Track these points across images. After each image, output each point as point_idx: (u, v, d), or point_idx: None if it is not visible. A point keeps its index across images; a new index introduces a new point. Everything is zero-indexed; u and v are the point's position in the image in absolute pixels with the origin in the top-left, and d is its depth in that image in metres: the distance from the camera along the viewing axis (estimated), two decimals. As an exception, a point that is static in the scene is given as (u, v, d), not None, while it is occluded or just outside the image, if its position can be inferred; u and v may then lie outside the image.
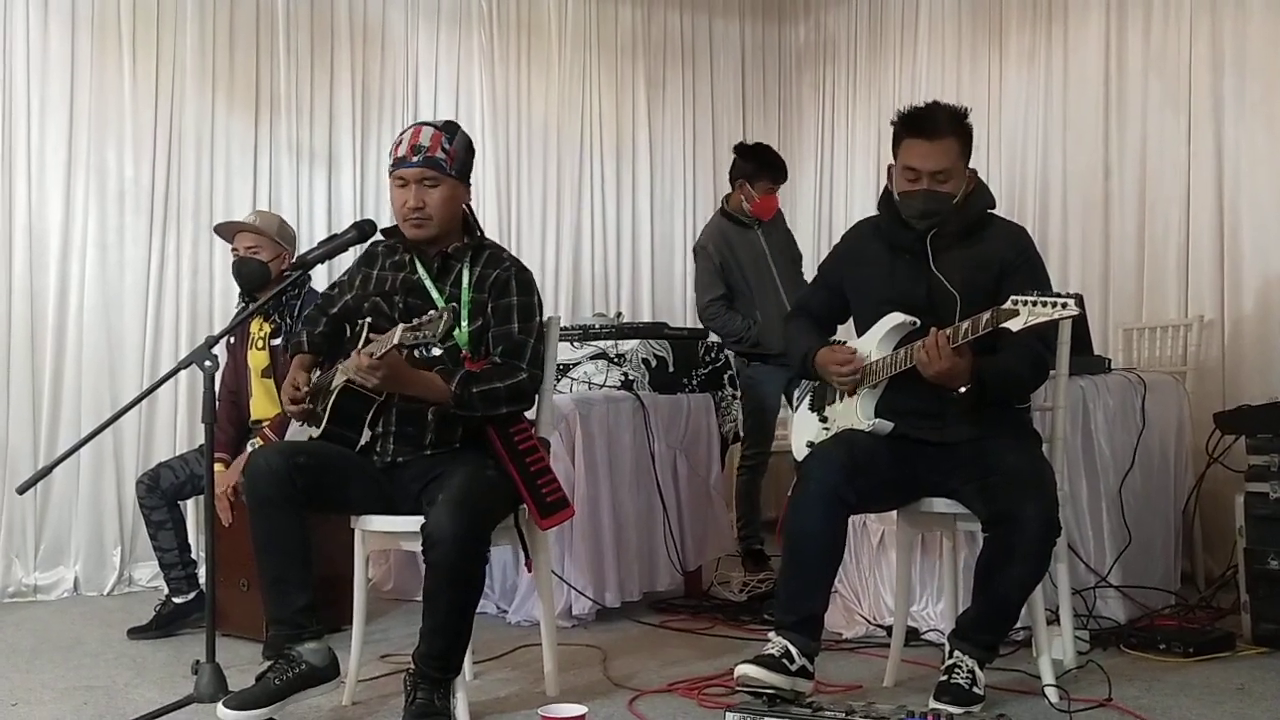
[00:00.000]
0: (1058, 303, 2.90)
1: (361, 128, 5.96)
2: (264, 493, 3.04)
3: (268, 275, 4.38)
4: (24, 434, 5.09)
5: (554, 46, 6.58)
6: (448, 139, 3.22)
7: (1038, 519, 3.04)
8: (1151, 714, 3.14)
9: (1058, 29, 5.87)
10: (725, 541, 5.03)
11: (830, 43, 7.19)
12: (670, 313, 6.71)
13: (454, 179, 3.21)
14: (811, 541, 3.12)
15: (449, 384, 3.09)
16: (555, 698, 3.30)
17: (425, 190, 3.19)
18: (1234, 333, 5.12)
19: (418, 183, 3.19)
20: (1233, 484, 4.29)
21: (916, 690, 3.36)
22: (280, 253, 4.43)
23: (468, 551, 2.94)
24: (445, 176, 3.20)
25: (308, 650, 3.04)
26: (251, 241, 4.39)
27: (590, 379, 4.71)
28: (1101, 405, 4.17)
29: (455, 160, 3.21)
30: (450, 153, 3.20)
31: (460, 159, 3.23)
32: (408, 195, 3.20)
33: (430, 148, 3.19)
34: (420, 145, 3.20)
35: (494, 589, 4.52)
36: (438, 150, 3.19)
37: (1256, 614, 3.90)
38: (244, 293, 4.45)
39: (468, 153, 3.27)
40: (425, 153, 3.19)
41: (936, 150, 3.26)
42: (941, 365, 3.07)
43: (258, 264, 4.38)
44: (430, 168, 3.18)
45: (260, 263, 4.38)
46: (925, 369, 3.10)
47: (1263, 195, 5.05)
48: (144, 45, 5.39)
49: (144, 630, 4.24)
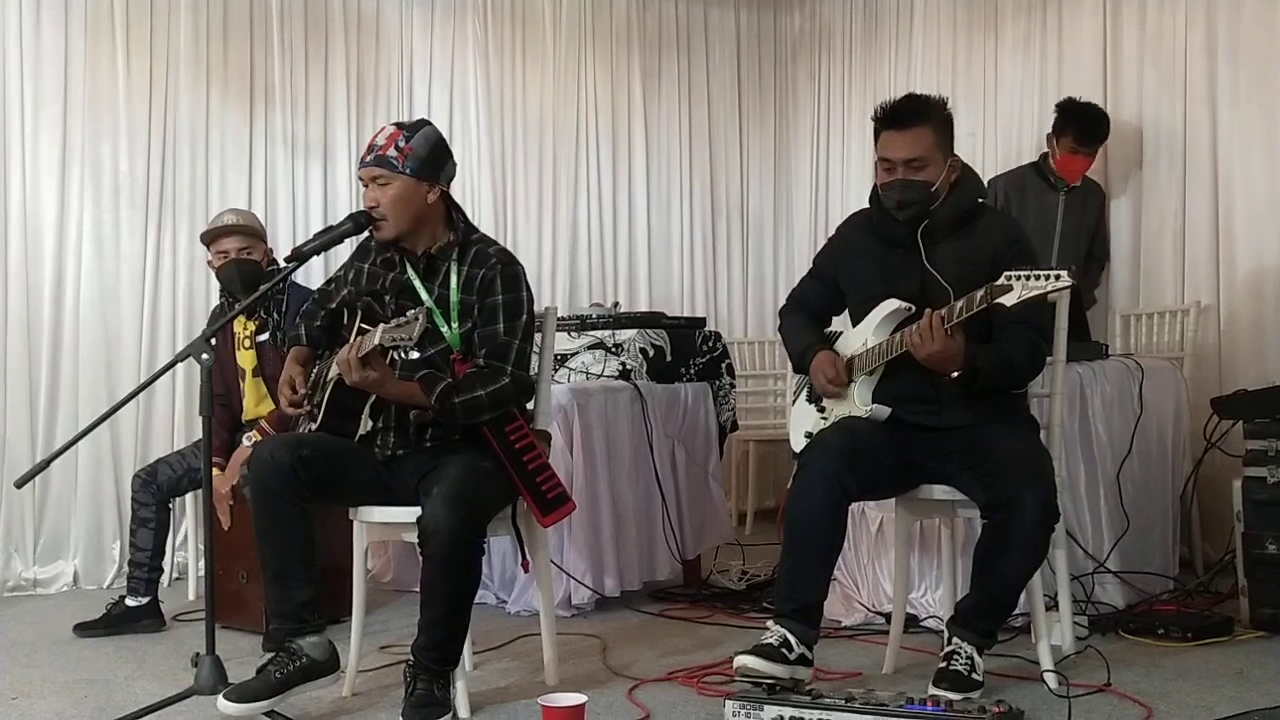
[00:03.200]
0: (1051, 275, 2.91)
1: (356, 119, 5.94)
2: (268, 486, 3.04)
3: (261, 274, 4.37)
4: (21, 428, 5.08)
5: (549, 36, 6.57)
6: (405, 137, 3.17)
7: (1036, 505, 3.04)
8: (1150, 699, 3.14)
9: (1053, 16, 5.86)
10: (724, 530, 5.04)
11: (825, 31, 7.17)
12: (667, 302, 6.70)
13: (407, 177, 3.15)
14: (811, 529, 3.13)
15: (430, 394, 3.08)
16: (555, 687, 3.31)
17: (378, 189, 3.17)
18: (1230, 318, 5.13)
19: (372, 181, 3.18)
20: (1230, 469, 4.30)
21: (916, 677, 3.37)
22: (265, 250, 4.42)
23: (464, 543, 2.94)
24: (396, 174, 3.14)
25: (309, 644, 3.04)
26: (242, 242, 4.37)
27: (588, 369, 4.71)
28: (1099, 391, 4.18)
29: (410, 157, 3.15)
30: (404, 150, 3.15)
31: (419, 156, 3.16)
32: (367, 195, 3.20)
33: (384, 146, 3.16)
34: (375, 145, 3.18)
35: (493, 579, 4.53)
36: (390, 148, 3.16)
37: (1254, 598, 3.91)
38: (234, 294, 4.42)
39: (431, 150, 3.19)
40: (378, 151, 3.17)
41: (908, 139, 3.27)
42: (934, 347, 3.07)
43: (254, 265, 4.36)
44: (379, 166, 3.16)
45: (255, 263, 4.36)
46: (918, 351, 3.10)
47: (1257, 181, 5.05)
48: (137, 38, 5.37)
49: (91, 627, 4.21)
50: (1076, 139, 5.04)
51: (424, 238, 3.24)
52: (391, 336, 2.93)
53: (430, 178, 3.20)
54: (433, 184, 3.21)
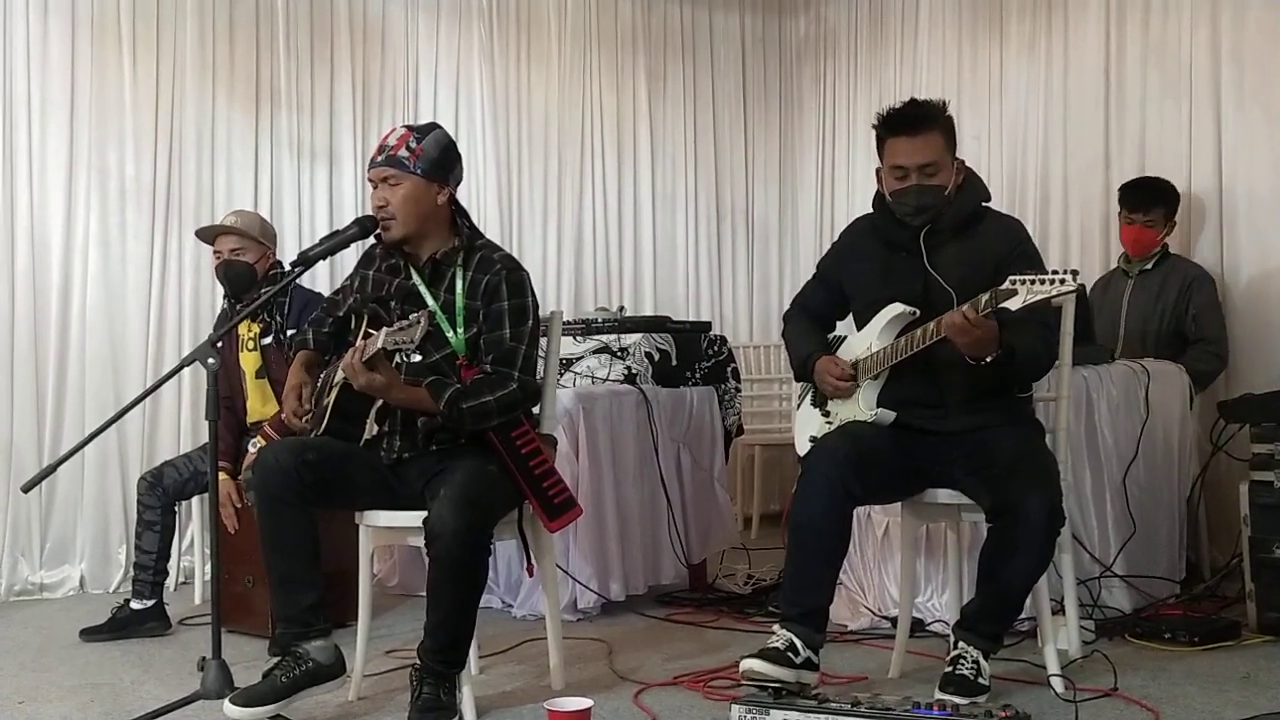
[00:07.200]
0: (1055, 279, 2.90)
1: (362, 123, 5.95)
2: (273, 491, 3.04)
3: (254, 277, 4.38)
4: (28, 432, 5.09)
5: (554, 40, 6.57)
6: (416, 138, 3.19)
7: (1042, 509, 3.04)
8: (1157, 703, 3.14)
9: (1058, 19, 5.86)
10: (729, 534, 5.03)
11: (830, 35, 7.18)
12: (672, 306, 6.71)
13: (419, 177, 3.17)
14: (816, 534, 3.13)
15: (438, 400, 3.09)
16: (561, 691, 3.30)
17: (388, 189, 3.18)
18: (1236, 321, 5.11)
19: (382, 182, 3.19)
20: (1237, 473, 4.29)
21: (922, 681, 3.37)
22: (264, 252, 4.43)
23: (470, 544, 2.94)
24: (408, 174, 3.16)
25: (314, 648, 3.04)
26: (235, 244, 4.39)
27: (593, 373, 4.71)
28: (1105, 395, 4.17)
29: (421, 158, 3.17)
30: (415, 151, 3.17)
31: (430, 157, 3.18)
32: (376, 195, 3.20)
33: (395, 147, 3.18)
34: (386, 145, 3.20)
35: (499, 583, 4.53)
36: (401, 149, 3.17)
37: (1262, 602, 3.91)
38: (231, 295, 4.44)
39: (442, 152, 3.21)
40: (389, 151, 3.18)
41: (920, 144, 3.27)
42: (977, 332, 3.02)
43: (244, 266, 4.38)
44: (391, 166, 3.17)
45: (246, 264, 4.38)
46: (963, 335, 3.04)
47: (1261, 185, 5.04)
48: (144, 43, 5.38)
49: (97, 631, 4.22)
50: (1129, 204, 5.04)
51: (430, 242, 3.24)
52: (394, 340, 2.93)
53: (440, 179, 3.21)
54: (442, 185, 3.22)
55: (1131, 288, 5.07)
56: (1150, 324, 4.99)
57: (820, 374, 3.38)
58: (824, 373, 3.37)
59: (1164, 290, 4.99)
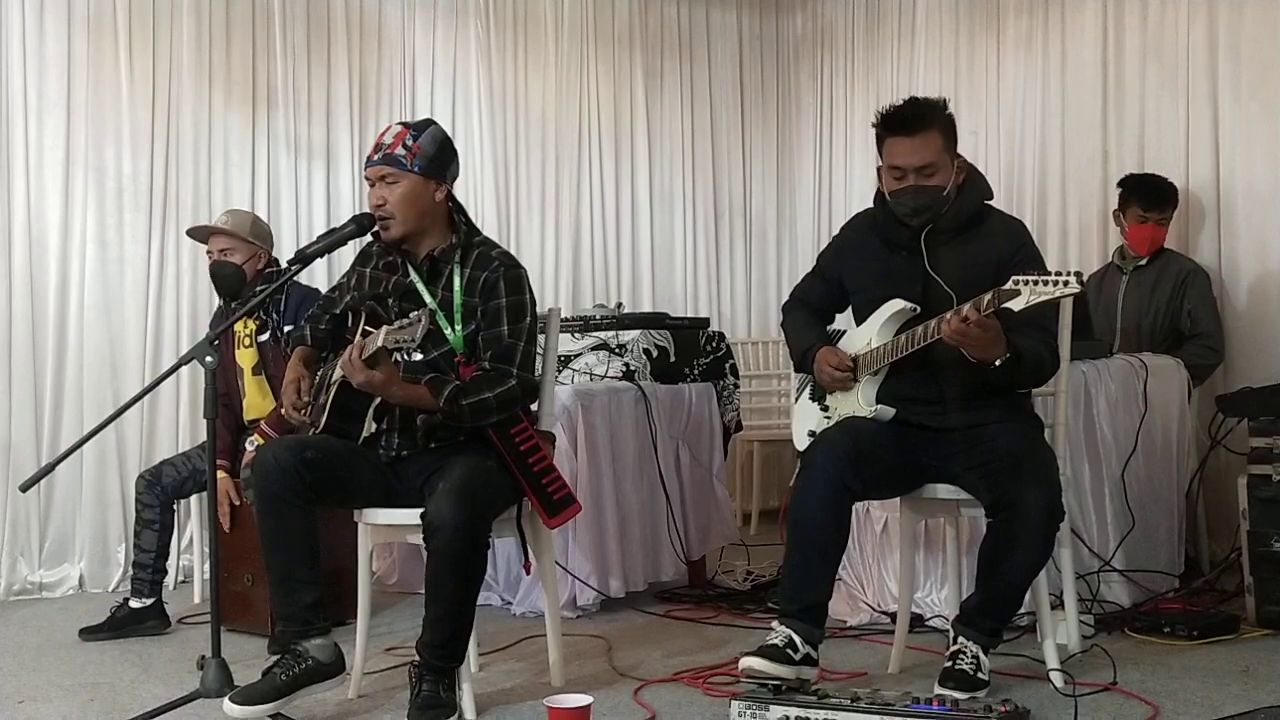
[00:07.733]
0: (1059, 280, 2.89)
1: (359, 122, 5.94)
2: (272, 489, 3.03)
3: (243, 277, 4.38)
4: (26, 432, 5.09)
5: (551, 38, 6.57)
6: (413, 135, 3.19)
7: (1040, 504, 3.04)
8: (1156, 697, 3.14)
9: (1055, 15, 5.85)
10: (728, 531, 5.03)
11: (828, 32, 7.17)
12: (671, 303, 6.70)
13: (416, 175, 3.17)
14: (815, 529, 3.13)
15: (438, 396, 3.08)
16: (561, 688, 3.30)
17: (386, 187, 3.18)
18: (1234, 316, 5.11)
19: (379, 180, 3.19)
20: (1235, 467, 4.30)
21: (921, 676, 3.37)
22: (255, 252, 4.42)
23: (469, 538, 2.94)
24: (405, 172, 3.16)
25: (314, 646, 3.04)
26: (224, 244, 4.39)
27: (591, 370, 4.71)
28: (1103, 389, 4.17)
29: (418, 156, 3.17)
30: (412, 148, 3.17)
31: (427, 154, 3.18)
32: (373, 194, 3.20)
33: (391, 144, 3.18)
34: (383, 143, 3.20)
35: (498, 581, 4.53)
36: (398, 146, 3.17)
37: (1261, 596, 3.91)
38: (220, 295, 4.43)
39: (438, 148, 3.21)
40: (386, 150, 3.18)
41: (918, 145, 3.25)
42: (978, 332, 2.99)
43: (232, 267, 4.37)
44: (388, 164, 3.17)
45: (235, 266, 4.37)
46: (963, 337, 3.01)
47: (1259, 179, 5.04)
48: (140, 42, 5.38)
49: (96, 630, 4.21)
50: (1142, 203, 5.00)
51: (427, 239, 3.24)
52: (395, 338, 2.93)
53: (438, 176, 3.21)
54: (440, 182, 3.22)
55: (1126, 284, 5.07)
56: (1146, 320, 5.00)
57: (820, 364, 3.38)
58: (823, 363, 3.36)
59: (1159, 286, 5.00)
